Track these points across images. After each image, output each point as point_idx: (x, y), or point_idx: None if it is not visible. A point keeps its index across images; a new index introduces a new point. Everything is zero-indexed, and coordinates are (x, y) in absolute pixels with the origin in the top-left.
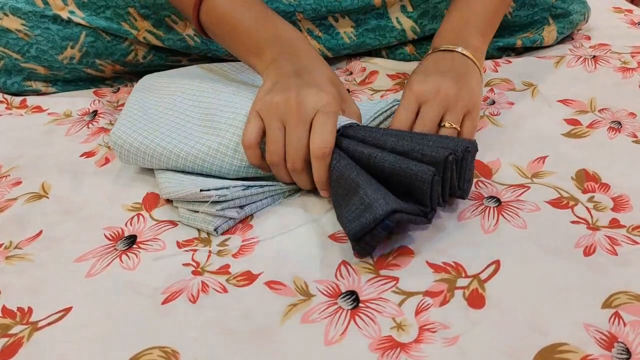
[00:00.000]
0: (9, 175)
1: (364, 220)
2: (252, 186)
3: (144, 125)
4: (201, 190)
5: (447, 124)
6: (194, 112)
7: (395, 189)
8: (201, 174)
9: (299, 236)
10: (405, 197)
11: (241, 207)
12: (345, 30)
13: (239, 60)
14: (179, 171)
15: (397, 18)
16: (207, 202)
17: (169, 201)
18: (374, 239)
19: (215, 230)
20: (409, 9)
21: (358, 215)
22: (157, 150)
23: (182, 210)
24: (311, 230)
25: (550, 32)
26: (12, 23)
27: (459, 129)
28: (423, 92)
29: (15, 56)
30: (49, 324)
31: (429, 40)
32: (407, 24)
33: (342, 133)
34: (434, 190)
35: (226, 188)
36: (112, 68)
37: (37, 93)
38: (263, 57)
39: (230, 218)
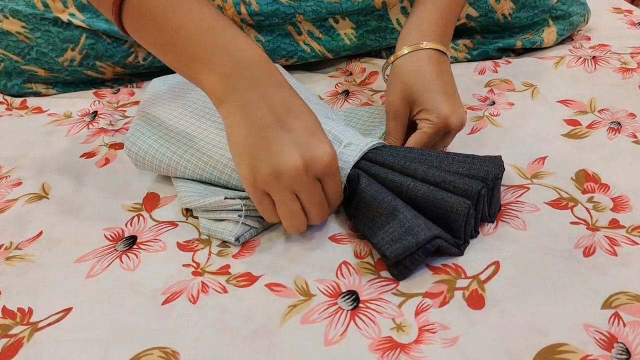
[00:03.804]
0: (10, 175)
1: (406, 244)
2: None
3: (159, 132)
4: (226, 198)
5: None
6: (209, 120)
7: (428, 218)
8: (218, 185)
9: (299, 237)
10: (438, 226)
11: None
12: (346, 32)
13: None
14: (196, 180)
15: (397, 19)
16: (230, 210)
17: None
18: (413, 263)
19: (236, 240)
20: (410, 10)
21: (398, 238)
22: (174, 158)
23: (202, 220)
24: (311, 231)
25: (550, 34)
26: (12, 25)
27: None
28: (453, 122)
29: (15, 58)
30: (49, 324)
31: None
32: None
33: (369, 158)
34: (468, 222)
35: (249, 198)
36: (112, 70)
37: (38, 95)
38: (213, 71)
39: (252, 227)
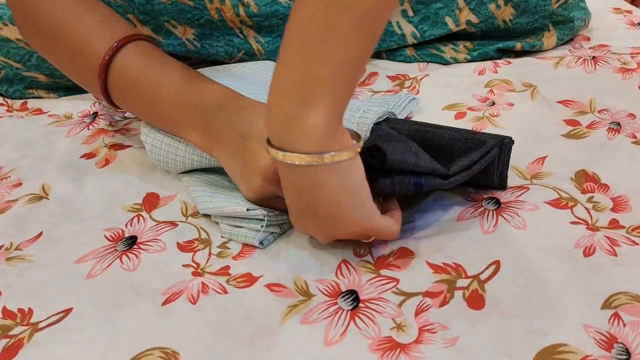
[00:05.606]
0: (10, 176)
1: (407, 157)
2: None
3: None
4: (248, 210)
5: None
6: None
7: (451, 154)
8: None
9: (299, 237)
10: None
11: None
12: None
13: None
14: (209, 180)
15: (397, 23)
16: (251, 218)
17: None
18: (401, 184)
19: (260, 243)
20: (410, 13)
21: (403, 151)
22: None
23: (222, 225)
24: None
25: (549, 38)
26: (12, 33)
27: None
28: None
29: (16, 65)
30: (50, 325)
31: (429, 43)
32: (408, 29)
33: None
34: (502, 157)
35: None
36: None
37: (39, 98)
38: (194, 130)
39: (273, 232)
